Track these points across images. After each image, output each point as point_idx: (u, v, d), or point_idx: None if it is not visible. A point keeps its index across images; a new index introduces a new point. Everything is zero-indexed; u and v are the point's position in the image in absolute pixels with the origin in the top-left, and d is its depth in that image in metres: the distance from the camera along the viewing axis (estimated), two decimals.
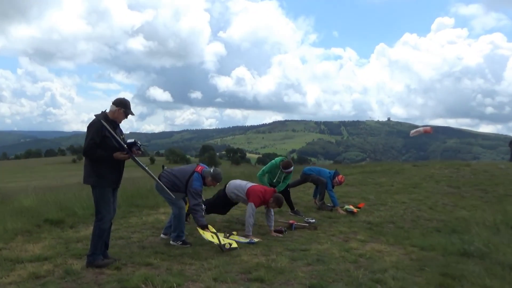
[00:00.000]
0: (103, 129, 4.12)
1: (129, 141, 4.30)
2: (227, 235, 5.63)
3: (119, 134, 4.37)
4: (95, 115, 4.27)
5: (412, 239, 6.08)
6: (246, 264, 4.52)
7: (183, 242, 5.26)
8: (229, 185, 6.31)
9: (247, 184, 6.26)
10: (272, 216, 6.28)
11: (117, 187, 4.44)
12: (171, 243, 5.28)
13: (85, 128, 4.24)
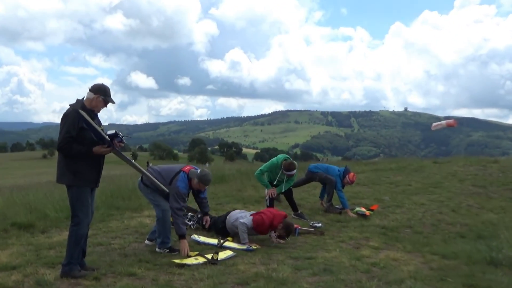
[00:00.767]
0: (80, 120, 4.10)
1: (110, 133, 4.29)
2: (221, 241, 5.65)
3: (98, 126, 4.36)
4: (70, 105, 4.25)
5: (432, 246, 6.11)
6: (243, 274, 4.52)
7: (170, 249, 5.27)
8: (229, 219, 6.21)
9: (249, 213, 6.18)
10: None
11: (96, 187, 4.43)
12: (157, 251, 5.28)
13: (57, 119, 4.25)
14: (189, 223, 5.85)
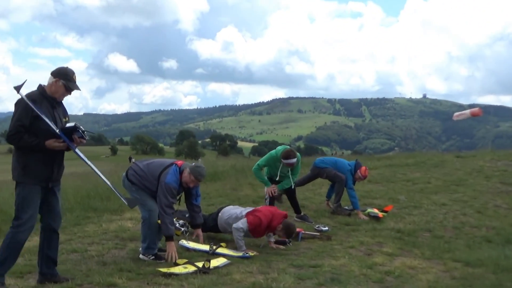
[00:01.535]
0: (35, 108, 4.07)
1: (68, 125, 4.23)
2: (213, 248, 5.67)
3: (61, 115, 4.32)
4: (20, 95, 4.18)
5: (455, 252, 6.14)
6: (239, 285, 4.54)
7: (156, 257, 5.28)
8: (221, 216, 6.23)
9: (244, 210, 6.21)
10: None
11: (54, 186, 4.37)
12: (141, 258, 5.31)
13: None
14: (182, 229, 5.82)
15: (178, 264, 5.03)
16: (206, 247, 5.71)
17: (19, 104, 4.14)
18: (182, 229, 5.66)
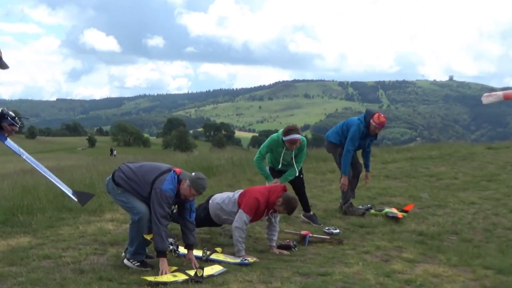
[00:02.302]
0: None
1: None
2: (207, 253, 5.69)
3: None
4: None
5: (485, 258, 6.15)
6: None
7: (142, 264, 5.30)
8: (212, 202, 6.31)
9: (237, 192, 6.28)
10: (276, 226, 6.32)
11: None
12: (125, 263, 5.32)
13: None
14: (170, 247, 5.76)
15: (167, 272, 5.04)
16: (199, 253, 5.72)
17: None
18: (171, 247, 5.54)
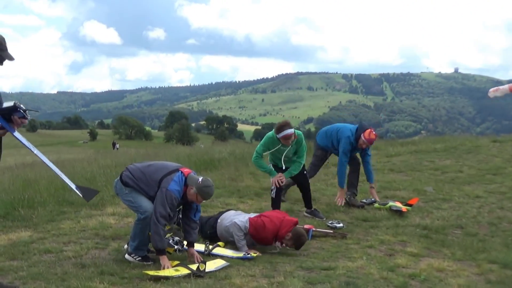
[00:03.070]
0: None
1: (6, 105, 4.07)
2: (209, 247, 5.70)
3: None
4: None
5: (491, 252, 6.15)
6: None
7: (143, 258, 5.31)
8: (221, 222, 6.25)
9: (248, 216, 6.22)
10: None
11: None
12: (126, 258, 5.33)
13: None
14: (175, 247, 5.77)
15: (169, 267, 5.05)
16: (201, 247, 5.72)
17: None
18: (176, 247, 5.56)
